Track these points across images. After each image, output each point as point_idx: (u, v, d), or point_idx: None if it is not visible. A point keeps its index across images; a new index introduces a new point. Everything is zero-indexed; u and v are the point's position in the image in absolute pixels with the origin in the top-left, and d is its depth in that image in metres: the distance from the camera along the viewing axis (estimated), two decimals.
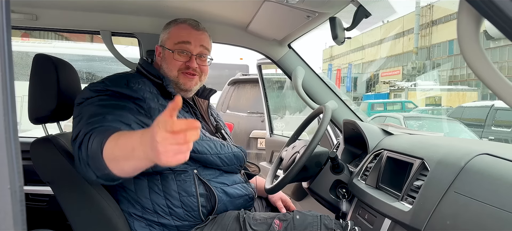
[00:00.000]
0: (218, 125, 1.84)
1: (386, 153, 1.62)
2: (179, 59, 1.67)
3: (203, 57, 1.71)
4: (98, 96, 1.47)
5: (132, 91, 1.50)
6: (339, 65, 40.55)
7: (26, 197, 2.49)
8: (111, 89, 1.49)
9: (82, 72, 6.60)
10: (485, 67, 0.71)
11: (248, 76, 6.27)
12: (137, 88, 1.53)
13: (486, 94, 26.69)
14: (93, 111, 1.40)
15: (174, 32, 1.71)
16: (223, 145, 1.67)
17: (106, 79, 1.55)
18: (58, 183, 1.59)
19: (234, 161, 1.70)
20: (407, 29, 37.34)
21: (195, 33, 1.70)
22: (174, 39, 1.68)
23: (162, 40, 1.73)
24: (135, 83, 1.55)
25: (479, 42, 0.71)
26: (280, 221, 1.59)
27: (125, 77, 1.57)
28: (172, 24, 1.74)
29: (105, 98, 1.46)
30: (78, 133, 1.35)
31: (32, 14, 2.08)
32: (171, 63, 1.67)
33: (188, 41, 1.67)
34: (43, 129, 1.76)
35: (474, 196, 1.06)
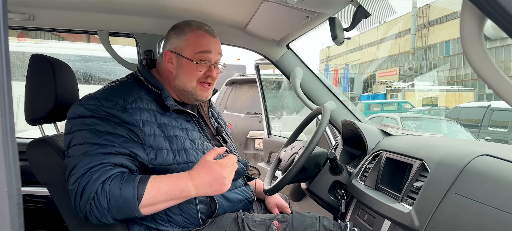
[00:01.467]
0: (218, 127, 1.81)
1: (386, 153, 1.61)
2: (201, 69, 1.59)
3: (218, 65, 1.66)
4: (92, 117, 1.43)
5: (127, 115, 1.44)
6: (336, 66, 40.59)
7: (23, 199, 2.47)
8: (106, 110, 1.44)
9: (79, 72, 6.58)
10: (488, 68, 0.70)
11: (246, 76, 6.27)
12: (132, 111, 1.46)
13: (482, 94, 26.80)
14: (88, 140, 1.39)
15: (193, 39, 1.60)
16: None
17: (101, 97, 1.48)
18: (54, 184, 1.57)
19: (235, 176, 1.65)
20: (404, 30, 37.41)
21: (214, 41, 1.64)
22: (195, 48, 1.59)
23: (177, 47, 1.61)
24: (131, 102, 1.49)
25: (482, 42, 0.70)
26: (278, 222, 1.57)
27: (121, 95, 1.50)
28: (186, 29, 1.62)
29: (99, 122, 1.42)
30: (74, 167, 1.37)
31: (28, 14, 2.07)
32: (192, 74, 1.59)
33: (209, 50, 1.60)
34: (40, 129, 1.74)
35: (475, 198, 1.06)
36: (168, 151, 1.49)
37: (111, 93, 1.51)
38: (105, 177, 1.34)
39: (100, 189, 1.32)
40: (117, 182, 1.33)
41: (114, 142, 1.40)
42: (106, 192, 1.31)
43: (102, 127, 1.42)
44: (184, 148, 1.52)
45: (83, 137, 1.40)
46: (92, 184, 1.33)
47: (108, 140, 1.40)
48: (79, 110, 1.46)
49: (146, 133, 1.45)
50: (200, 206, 1.54)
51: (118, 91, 1.53)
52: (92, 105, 1.45)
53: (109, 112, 1.44)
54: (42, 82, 1.62)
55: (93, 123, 1.42)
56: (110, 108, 1.45)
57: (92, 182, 1.33)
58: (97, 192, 1.32)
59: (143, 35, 2.21)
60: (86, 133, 1.41)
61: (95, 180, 1.33)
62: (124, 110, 1.45)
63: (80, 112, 1.45)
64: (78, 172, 1.35)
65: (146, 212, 1.35)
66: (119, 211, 1.33)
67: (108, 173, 1.35)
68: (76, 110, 1.47)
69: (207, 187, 1.37)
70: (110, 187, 1.32)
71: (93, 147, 1.38)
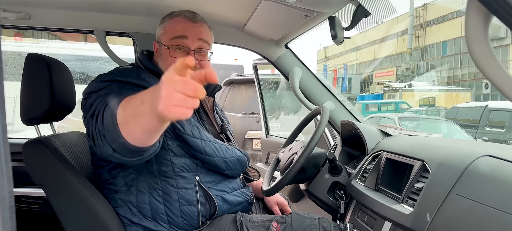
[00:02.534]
0: (223, 125, 1.79)
1: (385, 154, 1.60)
2: (175, 55, 1.53)
3: (202, 52, 1.58)
4: (106, 88, 1.35)
5: (144, 82, 1.42)
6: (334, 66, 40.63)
7: (18, 200, 2.45)
8: (121, 80, 1.40)
9: (75, 72, 6.55)
10: (494, 67, 0.69)
11: (243, 76, 6.26)
12: (149, 81, 1.44)
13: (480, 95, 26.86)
14: (109, 92, 1.30)
15: (170, 26, 1.59)
16: (228, 148, 1.63)
17: (115, 71, 1.47)
18: (50, 185, 1.55)
19: (237, 165, 1.66)
20: (401, 30, 37.49)
21: (192, 26, 1.57)
22: (170, 34, 1.56)
23: (158, 36, 1.62)
24: (146, 76, 1.48)
25: (488, 41, 0.68)
26: (277, 223, 1.56)
27: (134, 71, 1.50)
28: (167, 18, 1.62)
29: (118, 86, 1.36)
30: (95, 108, 1.25)
31: (24, 13, 2.05)
32: (167, 61, 1.54)
33: (185, 35, 1.54)
34: (36, 130, 1.72)
35: (478, 199, 1.04)
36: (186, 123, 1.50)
37: (123, 69, 1.50)
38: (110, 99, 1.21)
39: (102, 110, 1.20)
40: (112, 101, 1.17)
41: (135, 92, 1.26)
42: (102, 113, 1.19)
43: (119, 88, 1.34)
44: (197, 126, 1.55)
45: (104, 96, 1.29)
46: (100, 108, 1.23)
47: (128, 91, 1.25)
48: (94, 87, 1.38)
49: None
50: (201, 208, 1.52)
51: (129, 69, 1.53)
52: (107, 78, 1.41)
53: (126, 81, 1.40)
54: (38, 82, 1.60)
55: (113, 87, 1.35)
56: (125, 78, 1.41)
57: (101, 106, 1.23)
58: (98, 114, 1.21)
59: (140, 34, 2.19)
60: (103, 96, 1.30)
61: (104, 105, 1.22)
62: (140, 79, 1.44)
63: (97, 87, 1.37)
64: (97, 110, 1.24)
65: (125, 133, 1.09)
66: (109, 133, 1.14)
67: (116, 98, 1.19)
68: (91, 87, 1.39)
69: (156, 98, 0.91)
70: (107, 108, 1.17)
71: (110, 96, 1.26)
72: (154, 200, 1.50)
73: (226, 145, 1.65)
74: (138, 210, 1.51)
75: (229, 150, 1.63)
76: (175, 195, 1.50)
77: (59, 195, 1.55)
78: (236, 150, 1.68)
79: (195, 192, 1.52)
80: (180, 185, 1.51)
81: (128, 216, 1.51)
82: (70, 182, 1.49)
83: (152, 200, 1.50)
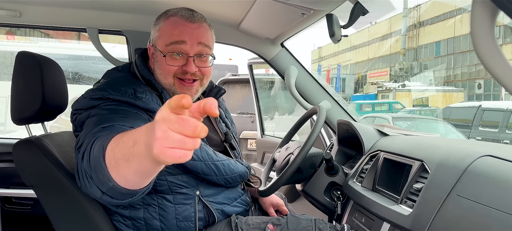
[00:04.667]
0: (227, 133, 1.70)
1: (383, 154, 1.58)
2: (173, 63, 1.40)
3: (203, 57, 1.44)
4: (98, 108, 1.28)
5: (142, 103, 1.31)
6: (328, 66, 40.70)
7: (9, 201, 2.41)
8: (116, 98, 1.30)
9: (68, 71, 6.49)
10: (500, 64, 0.66)
11: (238, 76, 6.24)
12: (146, 100, 1.34)
13: (472, 95, 27.04)
14: (100, 121, 1.20)
15: (165, 28, 1.43)
16: (230, 165, 1.53)
17: (107, 87, 1.33)
18: (41, 186, 1.52)
19: (238, 180, 1.60)
20: (395, 31, 37.63)
21: (190, 27, 1.41)
22: (166, 38, 1.41)
23: (153, 39, 1.46)
24: (142, 93, 1.35)
25: (494, 37, 0.66)
26: (273, 225, 1.54)
27: (129, 84, 1.36)
28: (162, 18, 1.46)
29: (112, 105, 1.28)
30: (83, 142, 1.15)
31: (15, 11, 2.01)
32: (165, 69, 1.41)
33: (183, 40, 1.39)
34: (27, 129, 1.68)
35: (478, 200, 1.02)
36: None
37: (118, 84, 1.36)
38: (98, 135, 1.11)
39: (90, 147, 1.09)
40: (100, 139, 1.07)
41: (129, 117, 1.23)
42: (89, 150, 1.08)
43: (117, 108, 1.26)
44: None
45: (94, 122, 1.21)
46: (85, 144, 1.12)
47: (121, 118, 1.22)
48: (84, 104, 1.32)
49: None
50: (199, 223, 1.48)
51: (124, 82, 1.38)
52: (98, 94, 1.32)
53: (122, 99, 1.30)
54: (29, 81, 1.57)
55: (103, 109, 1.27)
56: (121, 96, 1.31)
57: (86, 142, 1.12)
58: (85, 151, 1.10)
59: (133, 32, 2.15)
60: (96, 117, 1.24)
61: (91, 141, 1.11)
62: (136, 98, 1.32)
63: (87, 105, 1.32)
64: (84, 145, 1.13)
65: (116, 176, 0.97)
66: (97, 174, 1.03)
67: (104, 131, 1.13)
68: (81, 104, 1.34)
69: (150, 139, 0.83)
70: (94, 145, 1.06)
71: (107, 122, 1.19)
72: (149, 216, 1.44)
73: (228, 161, 1.54)
74: (132, 223, 1.46)
75: (231, 166, 1.53)
76: (172, 212, 1.44)
77: (51, 197, 1.52)
78: (239, 165, 1.59)
79: (194, 207, 1.46)
80: (178, 201, 1.45)
81: (121, 227, 1.47)
82: (62, 183, 1.45)
83: (147, 216, 1.44)
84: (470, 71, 29.71)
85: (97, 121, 1.20)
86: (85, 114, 1.30)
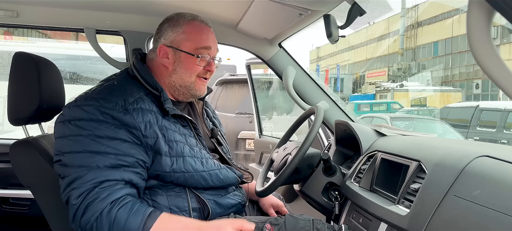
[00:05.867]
0: (214, 129, 1.74)
1: (380, 154, 1.58)
2: (201, 64, 1.55)
3: (216, 58, 1.63)
4: (89, 121, 1.33)
5: (129, 117, 1.35)
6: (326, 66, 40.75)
7: (6, 202, 2.41)
8: (106, 112, 1.34)
9: (65, 71, 6.47)
10: (496, 65, 0.67)
11: (236, 76, 6.23)
12: (134, 112, 1.37)
13: (470, 95, 27.10)
14: (88, 148, 1.30)
15: (192, 32, 1.54)
16: (220, 174, 1.55)
17: (99, 97, 1.38)
18: (39, 187, 1.52)
19: (229, 184, 1.62)
20: (393, 31, 37.68)
21: (212, 33, 1.60)
22: (196, 43, 1.53)
23: (174, 41, 1.54)
24: (132, 103, 1.39)
25: (490, 38, 0.66)
26: (271, 225, 1.53)
27: (121, 94, 1.40)
28: (181, 21, 1.56)
29: (98, 126, 1.32)
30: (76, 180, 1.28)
31: (12, 11, 2.00)
32: (192, 69, 1.54)
33: (210, 46, 1.56)
34: (24, 130, 1.68)
35: (476, 200, 1.02)
36: (167, 157, 1.40)
37: (110, 93, 1.41)
38: (114, 198, 1.26)
39: (106, 211, 1.24)
40: (126, 210, 1.26)
41: (118, 149, 1.32)
42: (112, 218, 1.24)
43: (101, 132, 1.32)
44: (183, 155, 1.44)
45: (82, 144, 1.31)
46: (100, 203, 1.25)
47: (111, 148, 1.31)
48: (75, 113, 1.36)
49: (148, 136, 1.37)
50: (194, 214, 1.49)
51: (117, 91, 1.43)
52: (90, 106, 1.35)
53: (110, 113, 1.34)
54: (25, 81, 1.56)
55: (91, 127, 1.32)
56: (110, 109, 1.35)
57: (100, 200, 1.25)
58: (102, 212, 1.24)
59: (131, 33, 2.15)
60: (84, 139, 1.31)
61: (103, 199, 1.25)
62: (125, 111, 1.36)
63: (77, 115, 1.35)
64: (83, 186, 1.27)
65: None
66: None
67: (117, 194, 1.27)
68: (72, 112, 1.37)
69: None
70: (117, 213, 1.24)
71: (96, 157, 1.29)
72: None
73: (218, 171, 1.56)
74: None
75: (220, 176, 1.55)
76: (165, 202, 1.45)
77: (47, 197, 1.52)
78: (229, 175, 1.60)
79: (187, 198, 1.48)
80: (170, 192, 1.46)
81: None
82: (59, 184, 1.45)
83: None
84: (468, 71, 29.79)
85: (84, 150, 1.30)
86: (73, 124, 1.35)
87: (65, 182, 1.31)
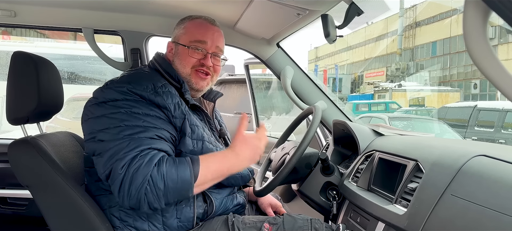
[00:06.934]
0: (222, 130, 1.78)
1: (378, 154, 1.58)
2: (194, 55, 1.61)
3: (217, 56, 1.66)
4: (124, 100, 1.39)
5: (160, 99, 1.43)
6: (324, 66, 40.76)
7: (4, 201, 2.41)
8: (138, 93, 1.41)
9: (64, 71, 6.47)
10: (493, 65, 0.67)
11: (234, 76, 6.23)
12: (164, 94, 1.45)
13: (468, 95, 27.13)
14: (127, 122, 1.35)
15: (191, 28, 1.64)
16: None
17: (130, 80, 1.45)
18: (37, 187, 1.51)
19: (239, 181, 1.67)
20: (391, 31, 37.70)
21: (212, 29, 1.65)
22: (191, 36, 1.62)
23: (176, 37, 1.66)
24: (161, 87, 1.47)
25: (487, 38, 0.67)
26: (269, 224, 1.54)
27: (149, 79, 1.48)
28: (187, 20, 1.68)
29: (134, 104, 1.39)
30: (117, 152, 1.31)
31: (10, 11, 2.00)
32: (185, 59, 1.61)
33: (205, 40, 1.61)
34: (22, 130, 1.68)
35: (473, 199, 1.03)
36: (189, 138, 1.48)
37: (140, 77, 1.50)
38: (156, 159, 1.31)
39: (155, 171, 1.29)
40: (172, 164, 1.32)
41: (155, 124, 1.38)
42: (163, 174, 1.29)
43: (138, 109, 1.38)
44: (202, 139, 1.52)
45: (120, 120, 1.36)
46: (146, 167, 1.28)
47: (149, 122, 1.37)
48: (110, 94, 1.41)
49: (176, 117, 1.45)
50: (198, 211, 1.51)
51: (146, 76, 1.52)
52: (124, 88, 1.42)
53: (142, 94, 1.42)
54: (24, 81, 1.56)
55: (127, 106, 1.38)
56: (142, 91, 1.42)
57: (145, 165, 1.28)
58: (152, 174, 1.28)
59: (129, 32, 2.15)
60: (122, 115, 1.37)
61: (147, 162, 1.29)
62: (156, 93, 1.44)
63: (112, 96, 1.40)
64: (127, 155, 1.29)
65: (196, 191, 1.36)
66: (175, 193, 1.31)
67: (157, 156, 1.32)
68: (106, 94, 1.42)
69: (248, 160, 1.46)
70: (166, 169, 1.30)
71: (136, 129, 1.34)
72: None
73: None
74: (132, 210, 1.47)
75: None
76: None
77: (46, 197, 1.51)
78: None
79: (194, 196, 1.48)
80: None
81: (122, 216, 1.47)
82: (57, 183, 1.45)
83: None
84: (466, 71, 29.83)
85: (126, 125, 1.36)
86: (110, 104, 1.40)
87: (105, 157, 1.34)
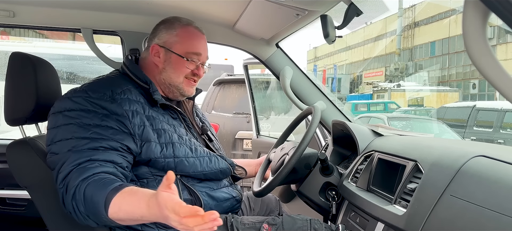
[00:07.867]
0: (203, 126, 1.79)
1: (377, 154, 1.58)
2: (189, 66, 1.63)
3: (204, 65, 1.71)
4: (78, 110, 1.40)
5: (116, 106, 1.42)
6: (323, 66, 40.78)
7: (3, 202, 2.40)
8: (94, 102, 1.42)
9: (62, 71, 6.46)
10: (492, 65, 0.67)
11: (233, 76, 6.23)
12: (121, 101, 1.45)
13: (467, 95, 27.16)
14: (76, 134, 1.36)
15: (185, 37, 1.64)
16: (209, 161, 1.60)
17: (88, 88, 1.47)
18: (35, 187, 1.52)
19: (220, 175, 1.65)
20: (390, 31, 37.71)
21: (204, 40, 1.69)
22: (187, 47, 1.62)
23: (167, 42, 1.63)
24: (119, 93, 1.47)
25: (486, 39, 0.66)
26: (269, 225, 1.54)
27: (109, 85, 1.49)
28: (176, 24, 1.65)
29: (86, 115, 1.39)
30: (62, 165, 1.33)
31: (9, 11, 2.00)
32: (180, 70, 1.62)
33: (200, 52, 1.65)
34: (21, 130, 1.68)
35: (472, 200, 1.03)
36: (156, 143, 1.46)
37: (98, 85, 1.50)
38: (86, 175, 1.28)
39: (78, 188, 1.27)
40: (94, 185, 1.26)
41: (103, 134, 1.37)
42: (82, 194, 1.26)
43: (89, 120, 1.38)
44: (172, 142, 1.50)
45: (70, 131, 1.37)
46: (72, 182, 1.29)
47: (97, 133, 1.37)
48: (65, 104, 1.43)
49: (135, 124, 1.43)
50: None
51: (105, 83, 1.53)
52: (79, 98, 1.43)
53: (97, 103, 1.42)
54: (22, 81, 1.56)
55: (80, 116, 1.39)
56: (98, 99, 1.43)
57: (73, 179, 1.29)
58: (75, 190, 1.28)
59: (128, 33, 2.15)
60: (73, 126, 1.38)
61: (76, 177, 1.29)
62: (113, 100, 1.44)
63: (67, 106, 1.42)
64: (66, 168, 1.31)
65: (118, 223, 1.26)
66: (95, 218, 1.26)
67: (90, 171, 1.29)
68: (62, 104, 1.44)
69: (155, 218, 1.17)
70: (86, 189, 1.26)
71: (82, 141, 1.35)
72: None
73: (208, 157, 1.61)
74: None
75: (211, 162, 1.61)
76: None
77: (45, 198, 1.51)
78: (220, 162, 1.65)
79: (178, 190, 1.48)
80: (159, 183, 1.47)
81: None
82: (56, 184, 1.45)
83: None
84: (464, 71, 29.85)
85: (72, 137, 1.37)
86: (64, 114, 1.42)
87: (55, 171, 1.36)
